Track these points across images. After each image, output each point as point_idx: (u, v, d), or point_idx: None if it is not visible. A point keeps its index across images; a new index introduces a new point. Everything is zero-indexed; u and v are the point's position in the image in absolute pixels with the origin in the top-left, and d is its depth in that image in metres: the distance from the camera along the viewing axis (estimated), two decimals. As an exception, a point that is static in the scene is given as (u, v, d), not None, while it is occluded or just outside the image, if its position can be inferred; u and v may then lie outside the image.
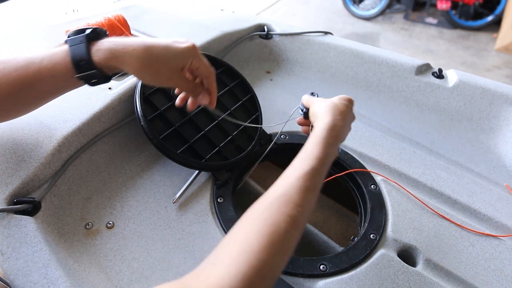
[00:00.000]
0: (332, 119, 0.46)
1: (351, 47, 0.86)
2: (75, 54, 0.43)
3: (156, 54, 0.44)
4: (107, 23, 0.82)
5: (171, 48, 0.45)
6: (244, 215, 0.37)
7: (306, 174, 0.40)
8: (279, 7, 3.88)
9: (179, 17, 0.97)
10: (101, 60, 0.43)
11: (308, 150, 0.43)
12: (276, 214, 0.36)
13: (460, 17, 3.29)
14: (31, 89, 0.45)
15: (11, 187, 0.48)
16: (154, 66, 0.45)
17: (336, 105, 0.49)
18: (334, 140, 0.45)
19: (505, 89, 0.74)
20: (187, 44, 0.46)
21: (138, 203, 0.57)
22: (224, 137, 0.64)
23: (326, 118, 0.47)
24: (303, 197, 0.38)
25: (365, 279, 0.49)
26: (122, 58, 0.44)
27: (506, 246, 0.55)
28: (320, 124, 0.46)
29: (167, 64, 0.45)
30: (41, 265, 0.42)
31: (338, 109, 0.49)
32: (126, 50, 0.44)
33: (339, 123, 0.46)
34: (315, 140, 0.44)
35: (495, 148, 0.74)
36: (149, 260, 0.50)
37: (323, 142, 0.43)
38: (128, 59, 0.44)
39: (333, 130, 0.45)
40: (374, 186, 0.61)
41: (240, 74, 0.72)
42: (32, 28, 0.93)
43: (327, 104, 0.49)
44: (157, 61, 0.45)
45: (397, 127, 0.76)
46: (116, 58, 0.44)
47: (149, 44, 0.44)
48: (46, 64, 0.43)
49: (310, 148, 0.43)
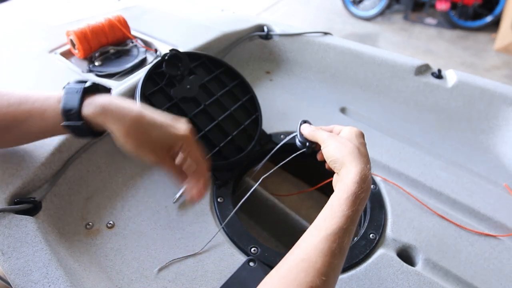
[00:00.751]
0: (361, 168, 0.40)
1: (350, 47, 0.86)
2: (67, 103, 0.43)
3: (146, 126, 0.43)
4: (107, 24, 0.82)
5: (165, 129, 0.44)
6: (262, 282, 0.33)
7: (331, 235, 0.34)
8: (279, 7, 3.89)
9: (179, 17, 0.97)
10: (89, 114, 0.42)
11: (334, 206, 0.37)
12: (294, 284, 0.31)
13: (459, 17, 3.29)
14: (21, 127, 0.45)
15: (11, 187, 0.48)
16: (140, 136, 0.43)
17: (359, 148, 0.43)
18: (365, 194, 0.39)
19: (504, 89, 0.75)
20: (184, 132, 0.45)
21: (139, 203, 0.57)
22: (224, 137, 0.64)
23: (355, 168, 0.40)
24: (328, 262, 0.32)
25: (365, 279, 0.49)
26: (111, 118, 0.42)
27: (505, 245, 0.55)
28: (349, 176, 0.40)
29: (155, 140, 0.44)
30: (41, 264, 0.42)
31: (362, 153, 0.43)
32: (118, 110, 0.42)
33: (368, 172, 0.40)
34: (343, 195, 0.38)
35: (494, 148, 0.74)
36: (149, 260, 0.50)
37: (353, 198, 0.37)
38: (117, 120, 0.42)
39: (364, 181, 0.39)
40: (374, 186, 0.61)
41: (240, 74, 0.72)
42: (32, 28, 0.93)
43: (349, 147, 0.43)
44: (145, 132, 0.43)
45: (396, 127, 0.76)
46: (105, 115, 0.42)
47: (144, 113, 0.43)
48: (38, 106, 0.44)
49: (337, 204, 0.37)
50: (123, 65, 0.78)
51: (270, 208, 0.65)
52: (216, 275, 0.48)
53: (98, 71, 0.77)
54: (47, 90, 0.46)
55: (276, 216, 0.64)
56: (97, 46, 0.81)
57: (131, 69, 0.78)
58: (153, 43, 0.86)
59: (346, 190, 0.38)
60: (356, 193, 0.38)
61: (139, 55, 0.82)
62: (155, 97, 0.62)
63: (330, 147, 0.44)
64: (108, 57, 0.81)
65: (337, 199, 0.38)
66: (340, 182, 0.40)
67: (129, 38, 0.86)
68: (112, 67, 0.78)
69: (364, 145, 0.45)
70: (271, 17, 3.63)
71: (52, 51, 0.82)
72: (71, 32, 0.78)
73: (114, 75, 0.77)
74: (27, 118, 0.44)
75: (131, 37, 0.85)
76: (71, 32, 0.78)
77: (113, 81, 0.73)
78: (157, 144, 0.44)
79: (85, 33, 0.79)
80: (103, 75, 0.76)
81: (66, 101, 0.43)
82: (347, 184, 0.39)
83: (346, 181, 0.39)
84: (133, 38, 0.86)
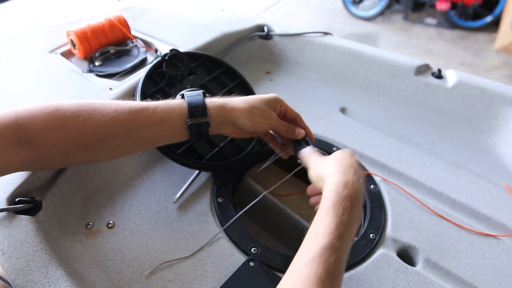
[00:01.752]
0: (340, 178, 0.38)
1: (350, 47, 0.86)
2: (192, 101, 0.48)
3: (255, 103, 0.51)
4: (107, 24, 0.82)
5: (264, 97, 0.52)
6: None
7: (315, 259, 0.31)
8: (279, 7, 3.89)
9: (179, 17, 0.97)
10: (214, 107, 0.48)
11: (316, 225, 0.35)
12: None
13: (459, 17, 3.29)
14: (137, 132, 0.46)
15: (12, 187, 0.48)
16: (257, 111, 0.50)
17: (342, 159, 0.42)
18: (350, 201, 0.36)
19: (504, 89, 0.75)
20: (273, 94, 0.54)
21: (139, 203, 0.57)
22: (224, 137, 0.64)
23: (331, 178, 0.38)
24: None
25: (365, 279, 0.49)
26: (234, 107, 0.49)
27: (505, 245, 0.55)
28: (326, 187, 0.38)
29: (266, 109, 0.52)
30: (42, 264, 0.42)
31: (345, 164, 0.40)
32: (234, 100, 0.51)
33: (352, 179, 0.38)
34: (323, 208, 0.35)
35: (494, 148, 0.74)
36: (150, 260, 0.50)
37: (334, 209, 0.35)
38: (238, 106, 0.50)
39: (345, 187, 0.36)
40: (374, 186, 0.61)
41: (240, 74, 0.72)
42: (32, 28, 0.93)
43: (329, 162, 0.42)
44: (257, 107, 0.51)
45: (396, 127, 0.76)
46: (227, 106, 0.49)
47: (248, 97, 0.52)
48: (161, 108, 0.47)
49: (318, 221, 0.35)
50: (123, 65, 0.78)
51: (270, 208, 0.65)
52: (216, 275, 0.48)
53: (99, 71, 0.77)
54: (47, 90, 0.46)
55: (276, 216, 0.64)
56: (97, 46, 0.81)
57: (131, 69, 0.78)
58: (153, 43, 0.86)
59: (326, 202, 0.36)
60: (338, 202, 0.35)
61: (139, 55, 0.82)
62: (155, 97, 0.61)
63: (313, 167, 0.45)
64: (108, 57, 0.81)
65: (318, 215, 0.36)
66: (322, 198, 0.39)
67: (129, 38, 0.86)
68: (112, 67, 0.78)
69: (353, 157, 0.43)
70: (271, 17, 3.63)
71: (52, 51, 0.82)
72: (71, 32, 0.78)
73: (115, 75, 0.77)
74: (148, 122, 0.46)
75: (131, 37, 0.85)
76: (71, 32, 0.78)
77: (113, 81, 0.73)
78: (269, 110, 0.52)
79: (86, 33, 0.79)
80: (104, 75, 0.76)
81: (190, 100, 0.48)
82: (324, 196, 0.37)
83: (324, 193, 0.38)
84: (133, 38, 0.86)
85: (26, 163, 0.43)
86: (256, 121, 0.50)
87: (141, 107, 0.46)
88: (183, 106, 0.47)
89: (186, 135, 0.49)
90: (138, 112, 0.45)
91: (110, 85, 0.70)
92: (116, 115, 0.44)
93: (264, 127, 0.52)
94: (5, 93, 0.69)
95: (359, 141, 0.70)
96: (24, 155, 0.41)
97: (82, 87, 0.70)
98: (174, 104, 0.48)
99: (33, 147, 0.41)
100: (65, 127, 0.42)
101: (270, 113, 0.52)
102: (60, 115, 0.42)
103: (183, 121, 0.47)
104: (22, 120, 0.41)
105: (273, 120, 0.52)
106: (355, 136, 0.71)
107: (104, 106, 0.45)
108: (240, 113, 0.49)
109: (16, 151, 0.40)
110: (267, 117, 0.51)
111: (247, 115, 0.50)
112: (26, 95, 0.68)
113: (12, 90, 0.70)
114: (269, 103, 0.52)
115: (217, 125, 0.49)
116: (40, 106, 0.42)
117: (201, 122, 0.47)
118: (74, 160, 0.48)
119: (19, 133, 0.40)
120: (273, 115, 0.52)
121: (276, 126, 0.53)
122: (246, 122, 0.50)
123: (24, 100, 0.67)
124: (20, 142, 0.40)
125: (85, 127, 0.43)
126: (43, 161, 0.44)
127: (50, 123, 0.42)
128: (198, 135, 0.49)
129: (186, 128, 0.48)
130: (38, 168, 0.48)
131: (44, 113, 0.42)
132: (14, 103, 0.64)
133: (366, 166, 0.65)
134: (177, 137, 0.50)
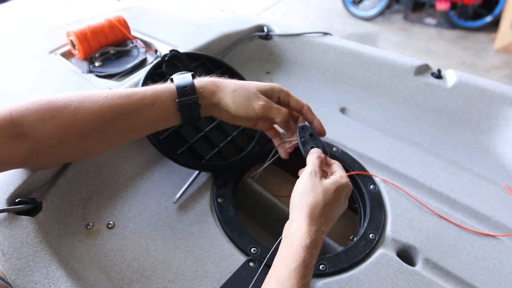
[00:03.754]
0: (314, 230, 0.39)
1: (350, 47, 0.86)
2: (180, 82, 0.48)
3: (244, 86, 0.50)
4: (107, 24, 0.83)
5: (260, 84, 0.51)
6: None
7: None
8: (279, 7, 3.89)
9: (179, 17, 0.97)
10: (202, 86, 0.48)
11: (281, 279, 0.35)
12: None
13: (459, 17, 3.29)
14: (128, 117, 0.46)
15: (12, 187, 0.48)
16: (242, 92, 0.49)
17: (326, 205, 0.41)
18: (314, 261, 0.37)
19: (504, 89, 0.75)
20: (273, 84, 0.52)
21: (139, 203, 0.58)
22: (224, 137, 0.64)
23: (307, 226, 0.39)
24: None
25: (365, 279, 0.49)
26: (221, 85, 0.49)
27: (505, 245, 0.55)
28: (296, 235, 0.38)
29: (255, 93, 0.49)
30: (42, 265, 0.42)
31: (325, 213, 0.41)
32: (224, 81, 0.50)
33: (320, 236, 0.39)
34: (292, 264, 0.36)
35: (494, 148, 0.74)
36: (150, 260, 0.50)
37: (302, 268, 0.36)
38: (226, 85, 0.49)
39: (314, 247, 0.37)
40: (374, 186, 0.61)
41: (240, 74, 0.73)
42: (32, 28, 0.93)
43: (311, 201, 0.41)
44: (245, 88, 0.49)
45: (396, 127, 0.77)
46: (216, 84, 0.49)
47: (242, 81, 0.51)
48: (150, 93, 0.47)
49: (285, 276, 0.35)
50: (123, 66, 0.78)
51: (270, 208, 0.65)
52: (216, 275, 0.48)
53: (98, 72, 0.77)
54: (47, 90, 0.46)
55: (276, 216, 0.64)
56: (97, 47, 0.81)
57: (131, 69, 0.78)
58: (153, 43, 0.87)
59: (295, 258, 0.36)
60: (306, 261, 0.36)
61: (139, 56, 0.82)
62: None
63: (297, 188, 0.44)
64: (108, 57, 0.81)
65: (285, 268, 0.36)
66: (287, 240, 0.40)
67: (129, 39, 0.86)
68: (112, 67, 0.78)
69: (338, 203, 0.43)
70: (271, 17, 3.63)
71: (52, 51, 0.82)
72: (71, 32, 0.78)
73: (114, 76, 0.77)
74: (138, 107, 0.46)
75: (131, 38, 0.86)
76: (71, 33, 0.78)
77: (113, 82, 0.73)
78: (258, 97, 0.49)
79: (85, 34, 0.79)
80: (103, 76, 0.76)
81: (179, 82, 0.48)
82: (295, 247, 0.37)
83: (294, 243, 0.38)
84: (133, 39, 0.86)
85: (24, 157, 0.43)
86: (238, 101, 0.48)
87: (131, 92, 0.46)
88: (172, 88, 0.48)
89: (178, 118, 0.49)
90: (128, 97, 0.46)
91: (110, 85, 0.70)
92: (106, 102, 0.45)
93: (248, 111, 0.49)
94: (5, 93, 0.69)
95: (359, 141, 0.70)
96: (21, 148, 0.42)
97: (82, 87, 0.70)
98: (163, 86, 0.48)
99: (29, 139, 0.42)
100: (56, 118, 0.43)
101: (258, 97, 0.49)
102: (51, 106, 0.43)
103: (173, 102, 0.47)
104: (16, 113, 0.42)
105: (259, 104, 0.49)
106: (355, 136, 0.71)
107: (94, 94, 0.45)
108: (225, 94, 0.49)
109: (14, 144, 0.41)
110: (252, 99, 0.49)
111: (230, 95, 0.48)
112: (26, 95, 0.68)
113: (12, 90, 0.70)
114: (263, 90, 0.50)
115: (207, 105, 0.49)
116: (33, 99, 0.44)
117: (190, 102, 0.47)
118: (71, 154, 0.48)
119: (14, 126, 0.41)
120: (263, 99, 0.49)
121: (265, 112, 0.49)
122: (229, 102, 0.49)
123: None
124: (16, 135, 0.41)
125: (76, 115, 0.43)
126: (40, 154, 0.45)
127: (42, 115, 0.42)
128: (190, 118, 0.48)
129: (176, 110, 0.48)
130: (37, 164, 0.48)
131: (37, 105, 0.43)
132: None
133: (366, 166, 0.65)
134: (169, 120, 0.49)
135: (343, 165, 0.65)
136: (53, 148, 0.44)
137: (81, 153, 0.49)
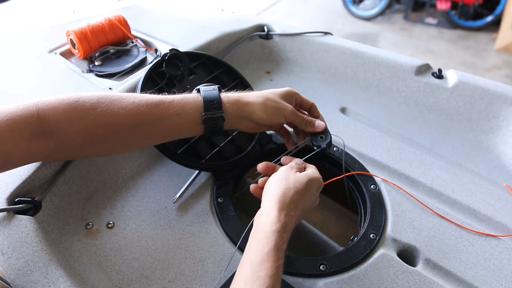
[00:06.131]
0: (284, 215, 0.40)
1: (350, 47, 0.86)
2: (207, 95, 0.49)
3: (269, 96, 0.51)
4: (107, 23, 0.82)
5: (278, 90, 0.53)
6: None
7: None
8: (279, 7, 3.89)
9: (179, 17, 0.97)
10: (229, 101, 0.49)
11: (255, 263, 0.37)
12: None
13: (460, 17, 3.29)
14: (153, 125, 0.46)
15: (11, 187, 0.48)
16: (271, 103, 0.51)
17: (296, 193, 0.43)
18: (286, 245, 0.39)
19: (505, 89, 0.74)
20: (287, 88, 0.54)
21: (138, 203, 0.57)
22: (224, 137, 0.64)
23: (276, 212, 0.40)
24: None
25: (365, 279, 0.49)
26: (248, 100, 0.50)
27: (506, 246, 0.55)
28: (268, 219, 0.40)
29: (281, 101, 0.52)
30: (41, 264, 0.42)
31: (295, 200, 0.42)
32: (248, 95, 0.51)
33: (291, 221, 0.40)
34: (264, 249, 0.37)
35: (495, 148, 0.74)
36: (149, 260, 0.50)
37: (274, 252, 0.37)
38: (253, 99, 0.50)
39: (284, 230, 0.39)
40: (374, 186, 0.61)
41: (240, 74, 0.72)
42: (32, 28, 0.93)
43: (282, 189, 0.43)
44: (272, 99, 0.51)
45: (396, 127, 0.76)
46: (243, 99, 0.50)
47: (262, 91, 0.53)
48: (177, 102, 0.47)
49: (258, 260, 0.37)
50: (123, 65, 0.78)
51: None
52: (216, 275, 0.48)
53: (98, 71, 0.77)
54: (47, 90, 0.46)
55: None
56: (97, 46, 0.81)
57: (131, 69, 0.78)
58: (153, 43, 0.86)
59: (267, 242, 0.37)
60: (278, 245, 0.37)
61: (139, 55, 0.82)
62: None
63: (271, 179, 0.46)
64: (108, 57, 0.81)
65: (258, 253, 0.37)
66: (257, 224, 0.41)
67: (129, 38, 0.86)
68: (112, 67, 0.78)
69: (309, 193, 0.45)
70: (271, 17, 3.63)
71: (52, 51, 0.82)
72: (71, 32, 0.78)
73: (114, 75, 0.77)
74: (164, 115, 0.46)
75: (131, 37, 0.85)
76: (71, 32, 0.78)
77: (113, 81, 0.73)
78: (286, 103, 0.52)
79: (85, 33, 0.79)
80: (103, 75, 0.76)
81: (206, 94, 0.49)
82: (266, 231, 0.39)
83: (265, 227, 0.39)
84: (133, 38, 0.86)
85: (48, 153, 0.43)
86: (271, 113, 0.50)
87: (158, 100, 0.47)
88: (199, 100, 0.48)
89: (201, 129, 0.49)
90: (155, 105, 0.46)
91: (110, 85, 0.70)
92: (133, 108, 0.45)
93: (280, 119, 0.51)
94: (5, 93, 0.69)
95: (359, 141, 0.70)
96: (46, 145, 0.42)
97: (82, 87, 0.70)
98: (190, 98, 0.48)
99: (54, 137, 0.42)
100: (84, 119, 0.43)
101: (285, 105, 0.51)
102: (79, 107, 0.43)
103: (199, 115, 0.48)
104: (43, 111, 0.42)
105: (288, 112, 0.51)
106: (355, 136, 0.71)
107: (122, 98, 0.46)
108: (255, 107, 0.50)
109: (39, 141, 0.42)
110: (282, 109, 0.51)
111: (262, 108, 0.50)
112: (26, 95, 0.68)
113: (12, 90, 0.70)
114: (284, 96, 0.52)
115: (232, 119, 0.50)
116: (61, 97, 0.43)
117: (216, 116, 0.48)
118: (93, 152, 0.48)
119: (40, 123, 0.41)
120: (288, 107, 0.52)
121: (293, 119, 0.52)
122: (262, 115, 0.50)
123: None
124: (42, 132, 0.42)
125: (103, 118, 0.44)
126: (64, 151, 0.45)
127: (69, 114, 0.43)
128: (213, 130, 0.49)
129: (201, 122, 0.48)
130: (59, 158, 0.49)
131: (64, 104, 0.43)
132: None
133: (366, 166, 0.65)
134: (192, 131, 0.50)
135: (344, 165, 0.65)
136: (77, 146, 0.45)
137: (103, 152, 0.50)
